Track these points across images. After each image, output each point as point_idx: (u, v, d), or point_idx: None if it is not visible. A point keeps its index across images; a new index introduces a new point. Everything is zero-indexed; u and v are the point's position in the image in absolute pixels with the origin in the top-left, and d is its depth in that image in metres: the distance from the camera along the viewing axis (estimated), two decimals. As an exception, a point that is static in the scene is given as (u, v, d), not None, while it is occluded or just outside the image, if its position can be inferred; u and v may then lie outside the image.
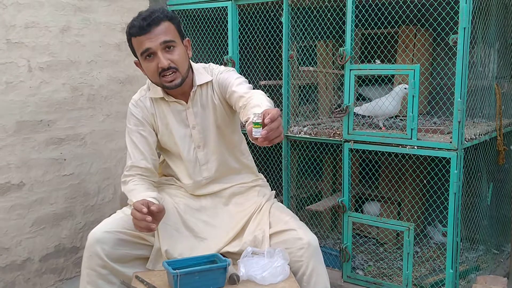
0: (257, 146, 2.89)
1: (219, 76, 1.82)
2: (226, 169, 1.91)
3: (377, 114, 2.36)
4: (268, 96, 1.64)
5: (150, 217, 1.58)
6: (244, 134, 1.93)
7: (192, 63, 1.84)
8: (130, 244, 1.72)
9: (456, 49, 2.02)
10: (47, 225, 2.60)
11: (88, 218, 2.79)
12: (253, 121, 1.38)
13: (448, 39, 2.03)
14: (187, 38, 1.81)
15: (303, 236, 1.69)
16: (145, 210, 1.57)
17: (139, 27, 1.68)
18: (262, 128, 1.37)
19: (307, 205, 2.74)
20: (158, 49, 1.69)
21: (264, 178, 2.06)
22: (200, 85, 1.83)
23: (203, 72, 1.84)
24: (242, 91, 1.69)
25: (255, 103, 1.56)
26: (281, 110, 2.64)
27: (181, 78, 1.74)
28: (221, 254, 1.78)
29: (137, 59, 1.79)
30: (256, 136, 1.38)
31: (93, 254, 1.66)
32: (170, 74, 1.72)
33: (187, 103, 1.83)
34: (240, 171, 1.96)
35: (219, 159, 1.88)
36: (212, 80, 1.83)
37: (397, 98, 2.29)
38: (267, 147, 2.85)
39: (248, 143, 2.01)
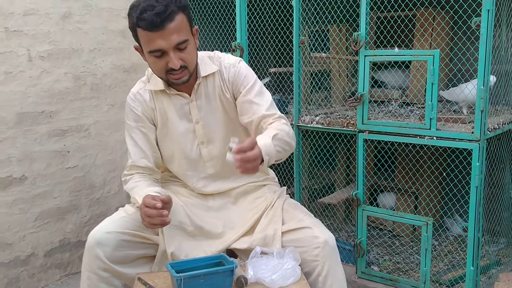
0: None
1: (232, 70, 1.70)
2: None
3: (461, 100, 2.23)
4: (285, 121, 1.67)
5: (166, 211, 1.49)
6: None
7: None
8: (132, 244, 1.63)
9: (479, 32, 1.88)
10: (51, 219, 2.53)
11: (94, 211, 2.72)
12: (230, 145, 1.44)
13: (471, 22, 1.90)
14: (195, 27, 1.64)
15: (320, 235, 1.58)
16: (159, 205, 1.47)
17: (151, 23, 1.48)
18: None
19: (320, 197, 2.64)
20: (171, 49, 1.53)
21: (275, 176, 1.95)
22: (205, 76, 1.70)
23: (208, 62, 1.71)
24: (264, 108, 1.67)
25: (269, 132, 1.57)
26: (292, 98, 2.53)
27: (189, 75, 1.62)
28: (228, 250, 1.69)
29: (138, 45, 1.63)
30: (229, 160, 1.43)
31: (93, 256, 1.57)
32: (179, 73, 1.59)
33: (190, 95, 1.71)
34: None
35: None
36: (218, 70, 1.71)
37: None
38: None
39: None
